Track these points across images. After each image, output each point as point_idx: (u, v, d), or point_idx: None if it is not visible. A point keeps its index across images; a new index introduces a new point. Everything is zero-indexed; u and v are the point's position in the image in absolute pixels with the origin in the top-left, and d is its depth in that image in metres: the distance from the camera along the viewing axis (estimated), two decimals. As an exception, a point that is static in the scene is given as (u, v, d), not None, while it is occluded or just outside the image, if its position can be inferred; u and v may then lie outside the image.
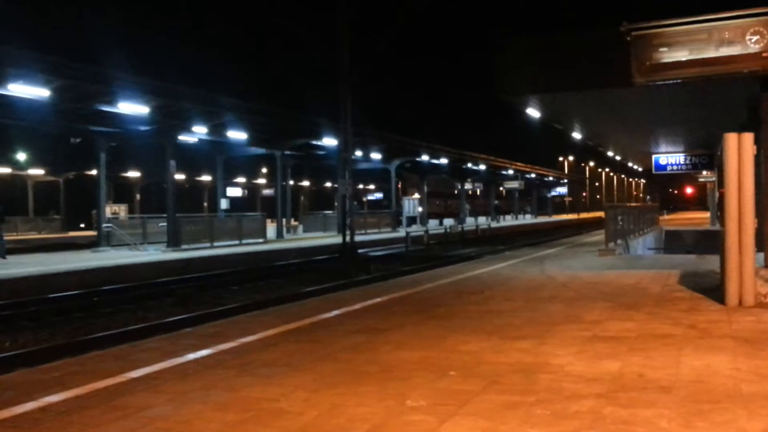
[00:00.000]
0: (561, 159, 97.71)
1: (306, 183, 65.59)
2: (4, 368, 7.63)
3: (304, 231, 35.81)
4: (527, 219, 69.00)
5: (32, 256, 20.61)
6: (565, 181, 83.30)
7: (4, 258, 18.65)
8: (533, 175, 68.08)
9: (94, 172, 30.41)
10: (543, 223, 59.54)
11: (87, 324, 11.25)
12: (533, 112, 16.54)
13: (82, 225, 45.37)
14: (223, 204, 30.82)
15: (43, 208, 46.79)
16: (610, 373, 4.97)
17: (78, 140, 26.42)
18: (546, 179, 76.29)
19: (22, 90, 16.88)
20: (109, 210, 27.10)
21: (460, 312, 8.08)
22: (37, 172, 44.60)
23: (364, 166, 40.52)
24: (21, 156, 43.78)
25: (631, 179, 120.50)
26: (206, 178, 53.84)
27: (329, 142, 30.34)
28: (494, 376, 4.98)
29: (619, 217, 19.29)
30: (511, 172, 60.23)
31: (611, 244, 17.06)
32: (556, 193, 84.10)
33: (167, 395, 4.64)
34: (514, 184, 62.71)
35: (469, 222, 49.36)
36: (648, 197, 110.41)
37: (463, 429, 3.85)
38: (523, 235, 39.25)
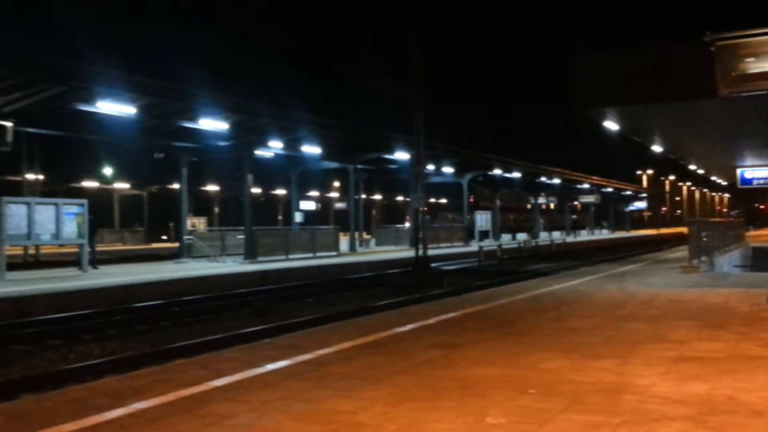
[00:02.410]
0: (639, 173, 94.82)
1: (378, 197, 66.03)
2: (94, 375, 7.99)
3: (377, 244, 36.02)
4: (604, 234, 67.17)
5: (119, 267, 21.54)
6: (644, 195, 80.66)
7: (95, 268, 19.56)
8: (610, 189, 66.25)
9: (175, 185, 31.60)
10: (620, 238, 57.83)
11: (170, 333, 11.66)
12: (611, 125, 16.16)
13: (164, 237, 47.13)
14: (297, 217, 31.39)
15: (128, 221, 48.92)
16: (698, 396, 4.78)
17: (161, 155, 27.51)
18: (623, 193, 74.11)
19: (110, 108, 17.71)
20: (189, 222, 28.04)
21: (538, 329, 7.94)
22: (123, 186, 46.71)
23: (435, 179, 40.46)
24: (108, 170, 45.95)
25: (714, 193, 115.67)
26: (281, 191, 55.02)
27: (401, 156, 30.49)
28: (576, 396, 4.87)
29: (703, 233, 18.52)
30: (586, 186, 58.85)
31: (695, 261, 16.41)
32: (635, 208, 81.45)
33: (250, 405, 4.75)
34: (590, 199, 61.16)
35: (543, 237, 48.48)
36: (733, 212, 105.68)
37: (545, 449, 3.78)
38: (599, 251, 38.21)
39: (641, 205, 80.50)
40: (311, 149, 27.07)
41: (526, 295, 11.71)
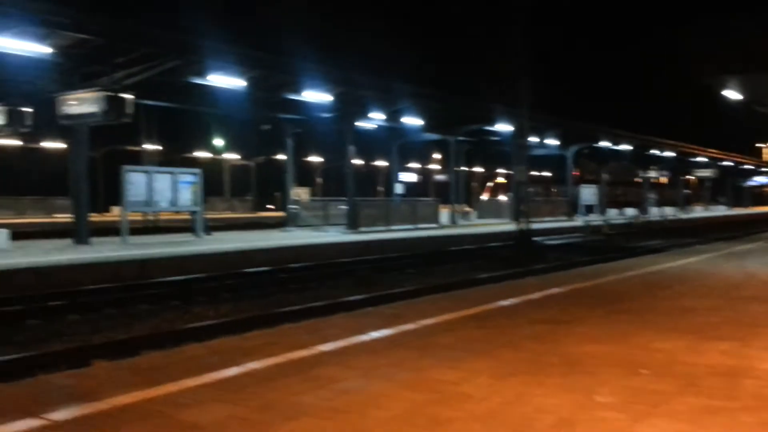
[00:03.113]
0: (760, 145, 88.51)
1: (479, 169, 65.32)
2: (209, 335, 8.43)
3: (478, 217, 35.72)
4: (720, 210, 63.51)
5: (228, 234, 22.50)
6: (766, 169, 75.38)
7: (208, 234, 20.56)
8: (728, 163, 62.37)
9: (281, 156, 32.53)
10: (739, 215, 54.49)
11: (278, 298, 12.11)
12: (732, 94, 15.14)
13: (271, 206, 48.82)
14: (398, 189, 31.58)
15: (237, 190, 50.98)
16: (830, 384, 4.46)
17: (268, 127, 28.38)
18: (742, 167, 69.59)
19: (221, 80, 18.39)
20: (293, 193, 28.89)
21: (649, 307, 7.63)
22: (233, 156, 48.65)
23: (539, 152, 39.50)
24: (219, 142, 47.96)
25: None
26: (381, 163, 55.49)
27: (503, 127, 29.94)
28: (691, 378, 4.66)
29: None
30: (702, 159, 55.65)
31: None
32: (755, 183, 76.42)
33: (357, 370, 4.86)
34: (705, 173, 57.84)
35: (654, 212, 46.41)
36: None
37: (659, 431, 3.65)
38: (715, 228, 36.16)
39: (763, 180, 75.30)
40: (412, 121, 27.05)
41: (636, 272, 11.28)
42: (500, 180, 49.92)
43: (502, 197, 41.02)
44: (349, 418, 3.86)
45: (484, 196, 44.36)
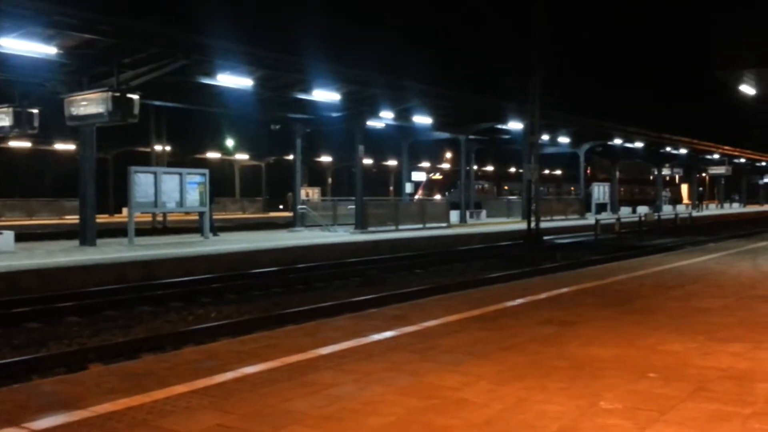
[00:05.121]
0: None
1: (489, 168, 64.99)
2: (211, 337, 8.31)
3: (488, 216, 35.45)
4: (734, 208, 62.77)
5: (237, 234, 22.43)
6: (782, 166, 74.47)
7: (215, 235, 20.48)
8: (743, 160, 61.61)
9: (291, 157, 32.46)
10: (753, 212, 53.81)
11: (284, 299, 11.97)
12: (748, 89, 14.84)
13: (281, 206, 48.78)
14: (408, 188, 31.38)
15: (248, 190, 51.01)
16: None
17: (277, 127, 28.25)
18: (758, 164, 68.75)
19: (230, 80, 18.28)
20: (303, 192, 28.75)
21: (659, 307, 7.42)
22: (243, 157, 48.65)
23: (550, 150, 39.16)
24: (229, 142, 47.99)
25: None
26: (392, 162, 55.31)
27: (514, 125, 29.67)
28: (702, 382, 4.47)
29: None
30: (716, 156, 54.98)
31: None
32: (770, 180, 75.57)
33: (353, 375, 4.70)
34: (719, 170, 57.12)
35: (666, 210, 45.92)
36: None
37: (667, 439, 3.47)
38: (729, 226, 35.68)
39: (779, 177, 74.46)
40: (422, 119, 26.86)
41: (646, 271, 11.05)
42: (435, 176, 44.96)
43: (438, 196, 39.48)
44: (340, 425, 3.71)
45: (418, 196, 38.72)
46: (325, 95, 21.03)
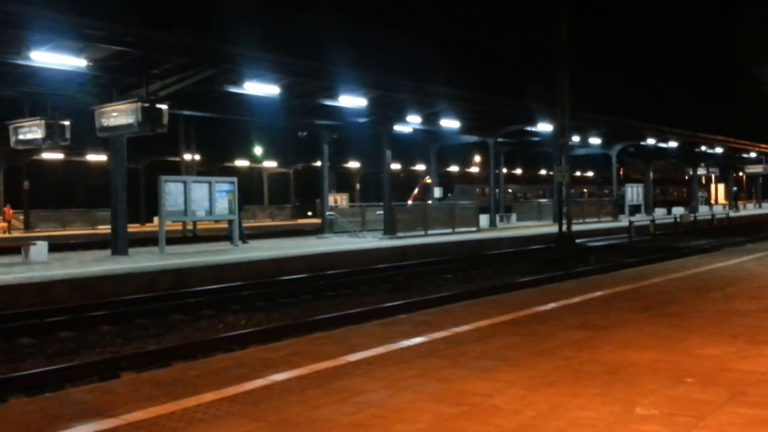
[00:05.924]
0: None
1: (519, 171, 64.48)
2: (240, 344, 8.33)
3: (518, 219, 35.14)
4: (772, 207, 61.31)
5: (266, 242, 22.53)
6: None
7: (245, 242, 20.60)
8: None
9: (319, 163, 32.59)
10: (791, 211, 52.52)
11: (312, 306, 11.97)
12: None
13: (310, 213, 48.96)
14: (436, 192, 31.23)
15: (277, 198, 51.32)
16: None
17: (305, 133, 28.38)
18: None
19: (257, 88, 18.40)
20: (331, 199, 28.79)
21: (697, 310, 7.24)
22: (271, 164, 48.96)
23: (581, 152, 38.70)
24: (257, 150, 48.35)
25: None
26: (420, 167, 55.17)
27: (544, 127, 29.36)
28: (741, 386, 4.32)
29: None
30: (753, 155, 53.79)
31: None
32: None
33: (382, 382, 4.65)
34: (757, 169, 55.84)
35: (703, 211, 45.03)
36: None
37: (706, 447, 3.35)
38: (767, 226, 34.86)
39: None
40: (450, 123, 26.73)
41: (683, 273, 10.81)
42: (429, 180, 45.80)
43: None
44: (369, 433, 3.65)
45: (410, 201, 38.52)
46: (351, 101, 21.05)
